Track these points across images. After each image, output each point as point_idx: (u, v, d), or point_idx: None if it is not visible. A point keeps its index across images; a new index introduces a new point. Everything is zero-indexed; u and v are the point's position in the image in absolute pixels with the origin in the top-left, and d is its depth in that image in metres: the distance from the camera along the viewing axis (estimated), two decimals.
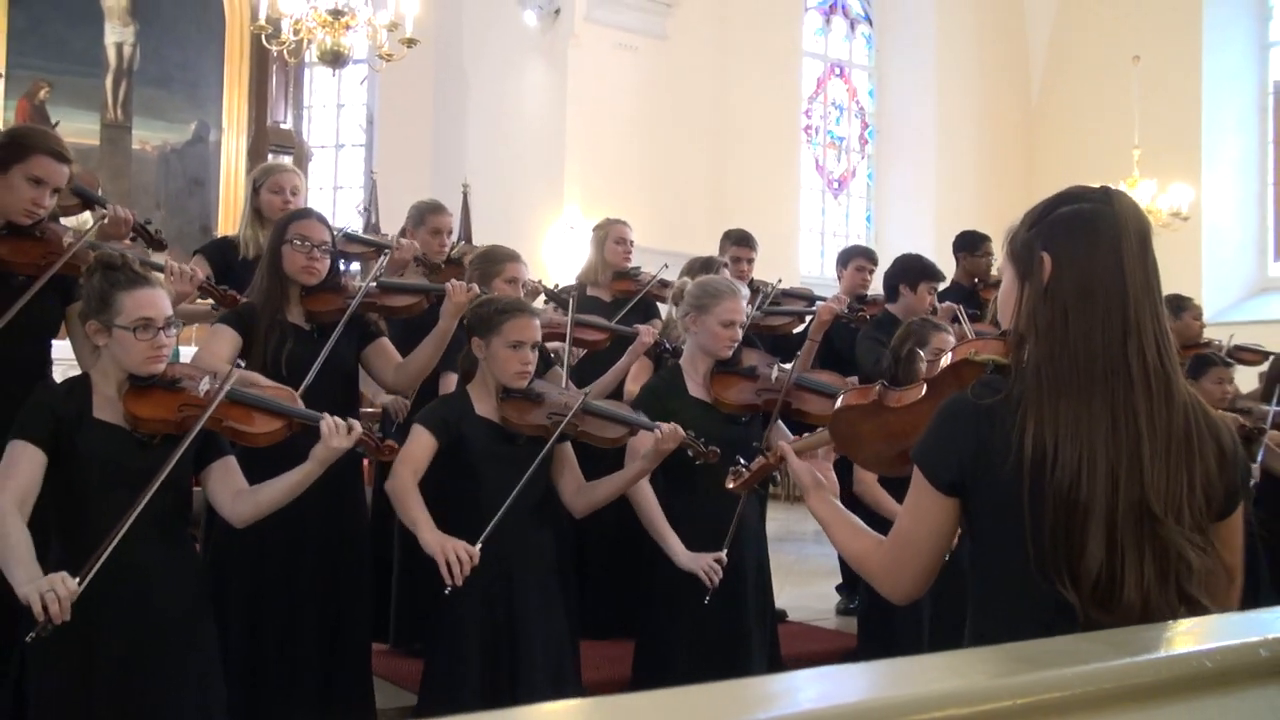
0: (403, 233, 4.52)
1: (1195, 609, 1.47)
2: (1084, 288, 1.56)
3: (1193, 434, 1.54)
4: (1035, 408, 1.53)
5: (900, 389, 1.97)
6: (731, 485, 2.51)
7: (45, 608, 2.12)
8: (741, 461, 2.52)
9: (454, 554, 2.71)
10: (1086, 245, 1.58)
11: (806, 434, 2.22)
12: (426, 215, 4.50)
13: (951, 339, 3.53)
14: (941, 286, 5.04)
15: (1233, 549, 1.66)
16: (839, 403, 2.01)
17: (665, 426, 2.97)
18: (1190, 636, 0.93)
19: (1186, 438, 1.53)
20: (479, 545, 2.75)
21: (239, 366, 2.66)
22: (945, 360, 1.88)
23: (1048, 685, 0.74)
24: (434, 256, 4.35)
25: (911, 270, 4.82)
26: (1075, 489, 1.49)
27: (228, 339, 3.14)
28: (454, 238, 4.58)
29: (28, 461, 2.36)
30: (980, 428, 1.58)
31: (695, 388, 3.43)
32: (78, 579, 2.19)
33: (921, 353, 3.47)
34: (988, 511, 1.60)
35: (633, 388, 4.01)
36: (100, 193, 3.54)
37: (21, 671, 2.43)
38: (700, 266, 4.46)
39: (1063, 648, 0.87)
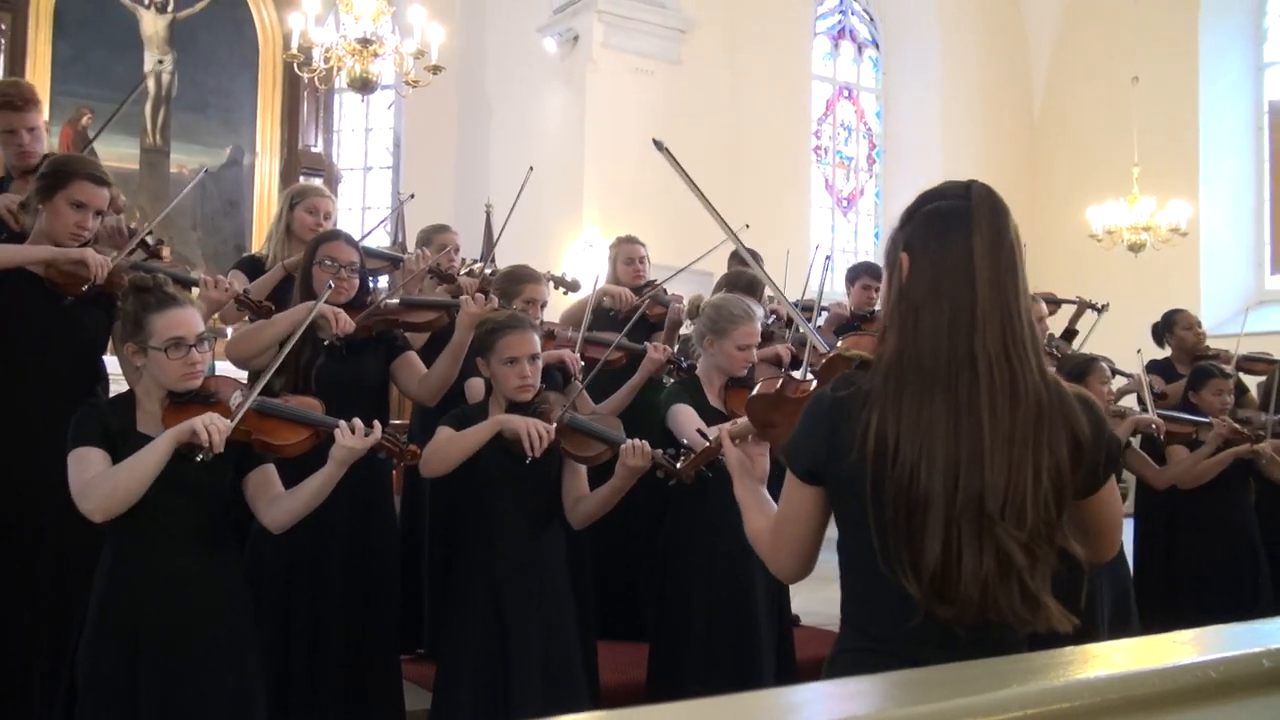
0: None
1: (1034, 605, 1.46)
2: (934, 286, 1.53)
3: (1043, 426, 1.49)
4: (880, 402, 1.51)
5: (799, 381, 2.02)
6: (681, 465, 2.71)
7: (210, 436, 2.29)
8: (685, 447, 2.68)
9: (533, 428, 2.84)
10: (938, 244, 1.56)
11: (736, 420, 2.24)
12: (432, 236, 4.54)
13: None
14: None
15: (1105, 515, 1.62)
16: (752, 392, 2.07)
17: (635, 444, 2.93)
18: (1194, 647, 0.92)
19: (1036, 431, 1.49)
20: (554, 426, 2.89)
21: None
22: (830, 356, 1.92)
23: (1057, 695, 0.74)
24: (446, 273, 4.37)
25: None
26: (914, 483, 1.47)
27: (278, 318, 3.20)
28: (462, 254, 4.59)
29: (98, 460, 2.39)
30: (833, 419, 1.57)
31: (713, 399, 3.43)
32: (230, 420, 2.36)
33: None
34: (840, 501, 1.60)
35: None
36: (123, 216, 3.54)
37: (73, 667, 2.45)
38: (745, 285, 4.41)
39: (1068, 659, 0.87)
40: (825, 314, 5.22)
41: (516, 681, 2.88)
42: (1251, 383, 5.52)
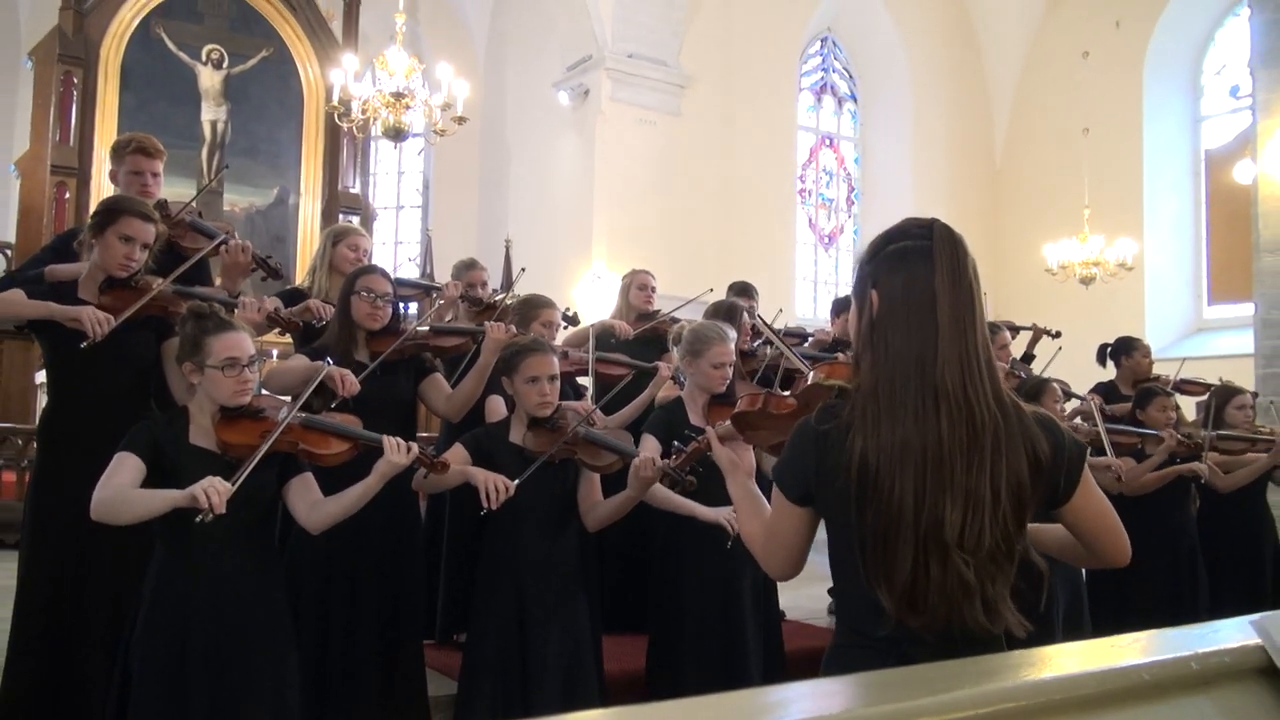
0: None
1: (994, 615, 1.45)
2: (901, 321, 1.51)
3: (1000, 450, 1.47)
4: (861, 432, 1.49)
5: (780, 396, 2.02)
6: (673, 462, 2.70)
7: (209, 500, 2.20)
8: (676, 444, 2.65)
9: (493, 483, 2.78)
10: (904, 282, 1.53)
11: (725, 423, 2.24)
12: (463, 271, 4.56)
13: None
14: None
15: (1090, 518, 1.61)
16: (737, 405, 2.07)
17: (645, 458, 2.92)
18: (1130, 651, 0.92)
19: (994, 456, 1.47)
20: (516, 483, 2.82)
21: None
22: (809, 379, 1.89)
23: (1008, 695, 0.74)
24: (474, 306, 4.40)
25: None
26: (889, 508, 1.46)
27: (303, 361, 3.21)
28: (489, 289, 4.61)
29: (129, 468, 2.37)
30: (819, 449, 1.55)
31: (695, 417, 3.42)
32: (231, 483, 2.26)
33: None
34: (830, 519, 1.60)
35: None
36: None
37: (126, 661, 2.44)
38: (725, 312, 4.43)
39: (1019, 661, 0.87)
40: (811, 339, 5.25)
41: (535, 670, 2.87)
42: (1186, 403, 5.52)
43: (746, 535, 1.80)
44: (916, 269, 1.52)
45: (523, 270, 4.46)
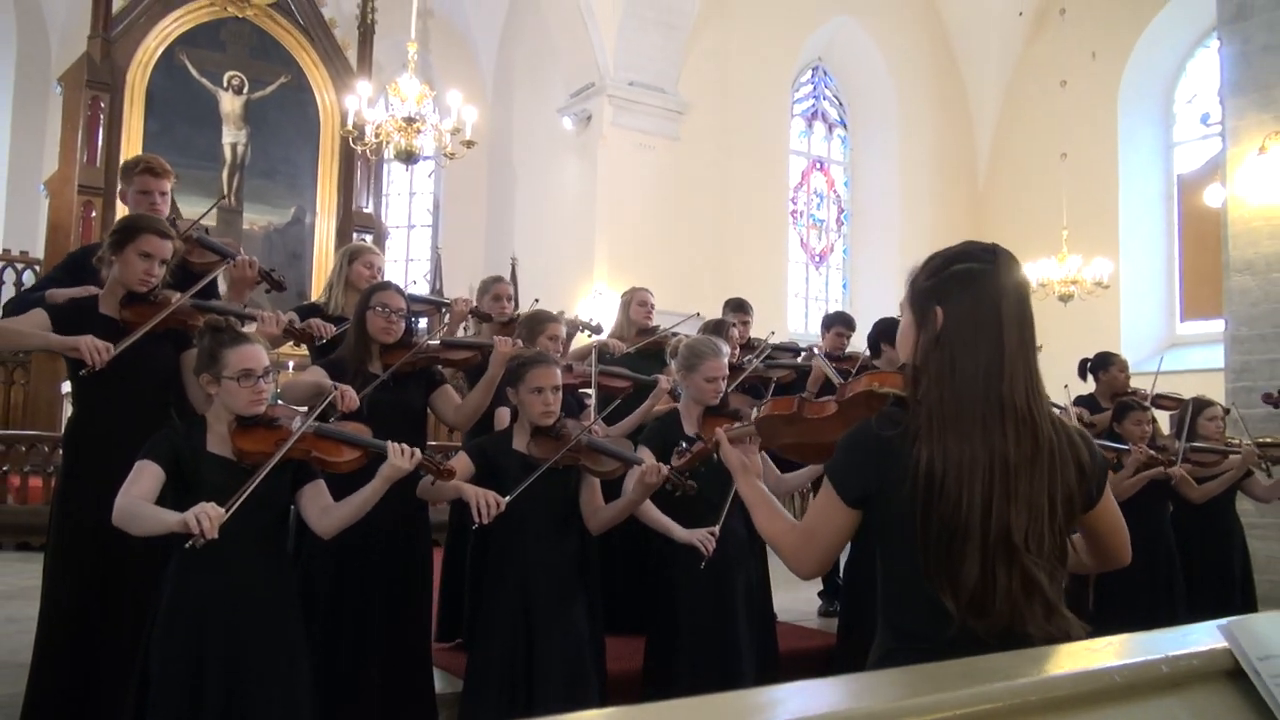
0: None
1: (1053, 614, 1.46)
2: (968, 340, 1.52)
3: (1055, 462, 1.50)
4: (927, 442, 1.49)
5: (816, 402, 1.96)
6: (676, 463, 2.68)
7: (200, 525, 2.14)
8: (684, 444, 2.63)
9: (484, 499, 2.75)
10: (972, 302, 1.53)
11: (737, 424, 2.21)
12: (490, 286, 4.57)
13: None
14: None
15: (1107, 521, 1.64)
16: (766, 408, 2.02)
17: (650, 464, 2.92)
18: (1102, 654, 0.92)
19: (1050, 467, 1.50)
20: (507, 500, 2.79)
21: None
22: (856, 387, 1.85)
23: (985, 698, 0.74)
24: (500, 318, 4.40)
25: (890, 331, 4.81)
26: (956, 515, 1.46)
27: (319, 374, 3.21)
28: (512, 305, 4.60)
29: (149, 476, 2.37)
30: (882, 455, 1.54)
31: (690, 428, 3.42)
32: (224, 509, 2.21)
33: None
34: (889, 524, 1.58)
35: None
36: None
37: (145, 661, 2.43)
38: (713, 327, 4.44)
39: (996, 665, 0.87)
40: (802, 354, 5.24)
41: (539, 670, 2.85)
42: (1162, 417, 5.52)
43: (769, 535, 1.77)
44: (984, 293, 1.53)
45: (535, 301, 4.47)
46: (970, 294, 1.54)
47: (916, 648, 1.52)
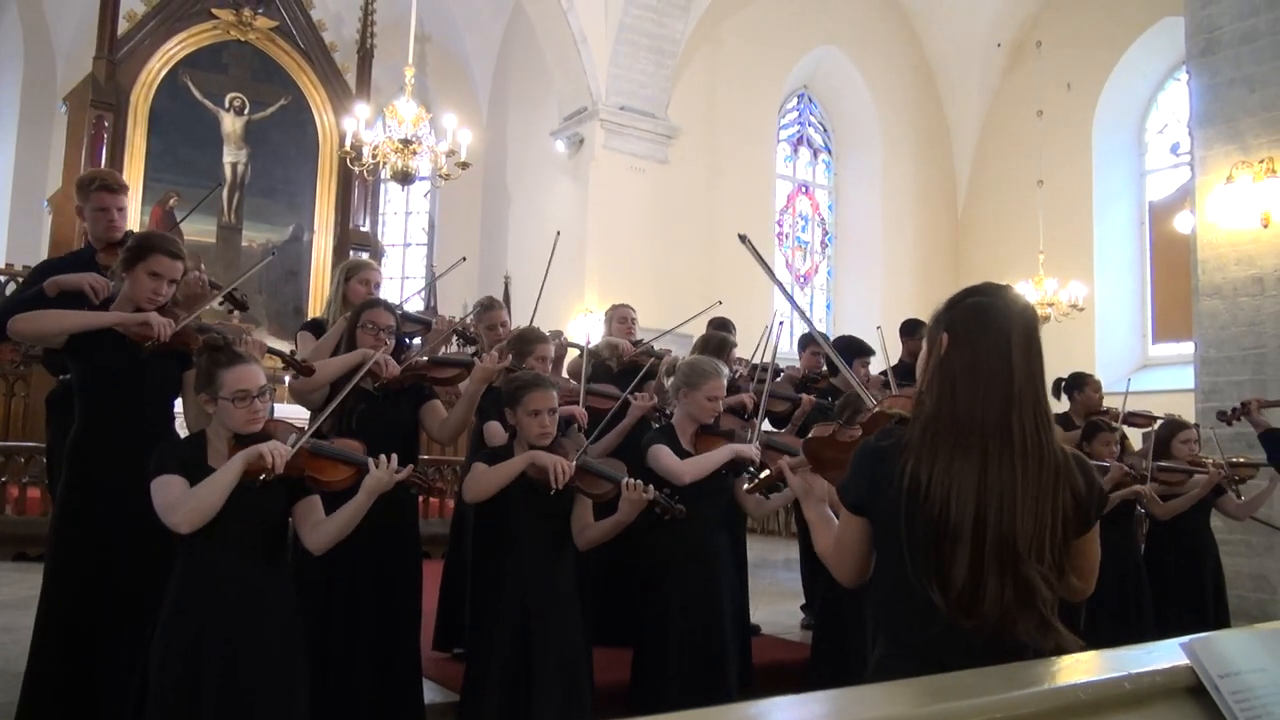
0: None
1: (1046, 627, 1.50)
2: (970, 366, 1.58)
3: (1059, 485, 1.55)
4: (915, 451, 1.57)
5: (849, 428, 2.10)
6: (747, 488, 2.77)
7: (271, 459, 2.30)
8: (750, 471, 2.76)
9: (558, 465, 2.83)
10: (977, 331, 1.60)
11: (794, 456, 2.25)
12: (484, 313, 4.50)
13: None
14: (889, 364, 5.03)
15: (1088, 553, 1.68)
16: (812, 433, 2.13)
17: (638, 484, 2.91)
18: (1069, 671, 0.92)
19: (1054, 488, 1.55)
20: (575, 463, 2.90)
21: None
22: (874, 411, 1.98)
23: (951, 714, 0.74)
24: (494, 345, 4.32)
25: (849, 349, 4.82)
26: (944, 519, 1.52)
27: (358, 353, 3.26)
28: (508, 328, 4.52)
29: (177, 484, 2.36)
30: (875, 463, 1.63)
31: (685, 443, 3.42)
32: (290, 446, 2.37)
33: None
34: (881, 526, 1.65)
35: None
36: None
37: (145, 670, 2.40)
38: (715, 347, 4.42)
39: (965, 681, 0.86)
40: (782, 374, 5.23)
41: (539, 681, 2.84)
42: (1134, 433, 5.54)
43: (820, 552, 1.85)
44: (991, 324, 1.60)
45: (558, 233, 4.35)
46: (976, 325, 1.61)
47: (904, 655, 1.57)
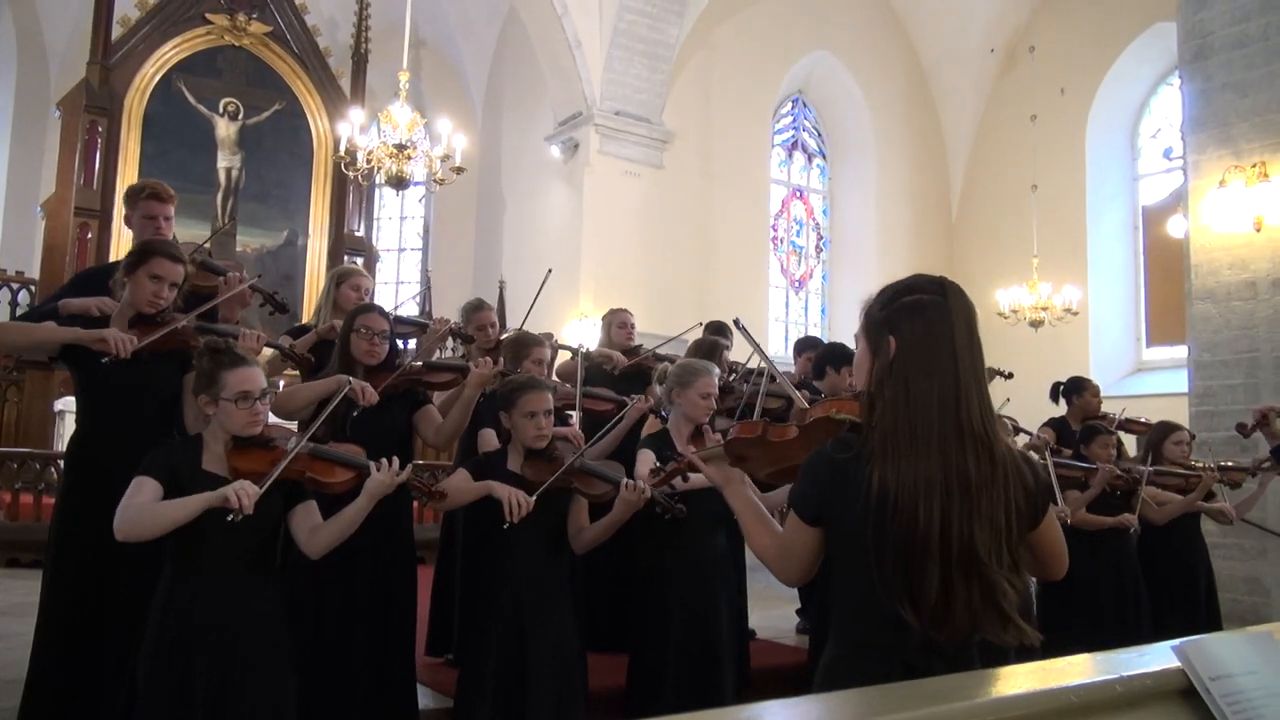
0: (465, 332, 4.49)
1: (1009, 623, 1.48)
2: (921, 368, 1.54)
3: (1009, 481, 1.53)
4: (880, 463, 1.52)
5: (779, 425, 1.98)
6: (653, 483, 2.66)
7: (240, 501, 2.22)
8: (656, 464, 2.62)
9: (514, 497, 2.77)
10: (924, 331, 1.56)
11: (706, 447, 2.21)
12: (472, 314, 4.51)
13: None
14: None
15: (1050, 540, 1.66)
16: (734, 431, 2.03)
17: (634, 484, 2.90)
18: (1059, 674, 0.92)
19: (1005, 485, 1.52)
20: (533, 498, 2.81)
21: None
22: (815, 413, 1.88)
23: (944, 717, 0.74)
24: (485, 345, 4.34)
25: (835, 355, 4.82)
26: (913, 532, 1.48)
27: (319, 381, 3.23)
28: (497, 329, 4.55)
29: (148, 491, 2.35)
30: (836, 478, 1.58)
31: (681, 446, 3.42)
32: (259, 488, 2.27)
33: None
34: (843, 542, 1.61)
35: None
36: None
37: (133, 677, 2.39)
38: (707, 350, 4.43)
39: (954, 684, 0.86)
40: (777, 379, 5.21)
41: (533, 686, 2.82)
42: (1129, 439, 5.55)
43: (756, 547, 1.79)
44: (936, 322, 1.56)
45: (550, 271, 4.34)
46: (922, 323, 1.56)
47: (864, 654, 1.54)
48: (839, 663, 1.60)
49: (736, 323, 2.46)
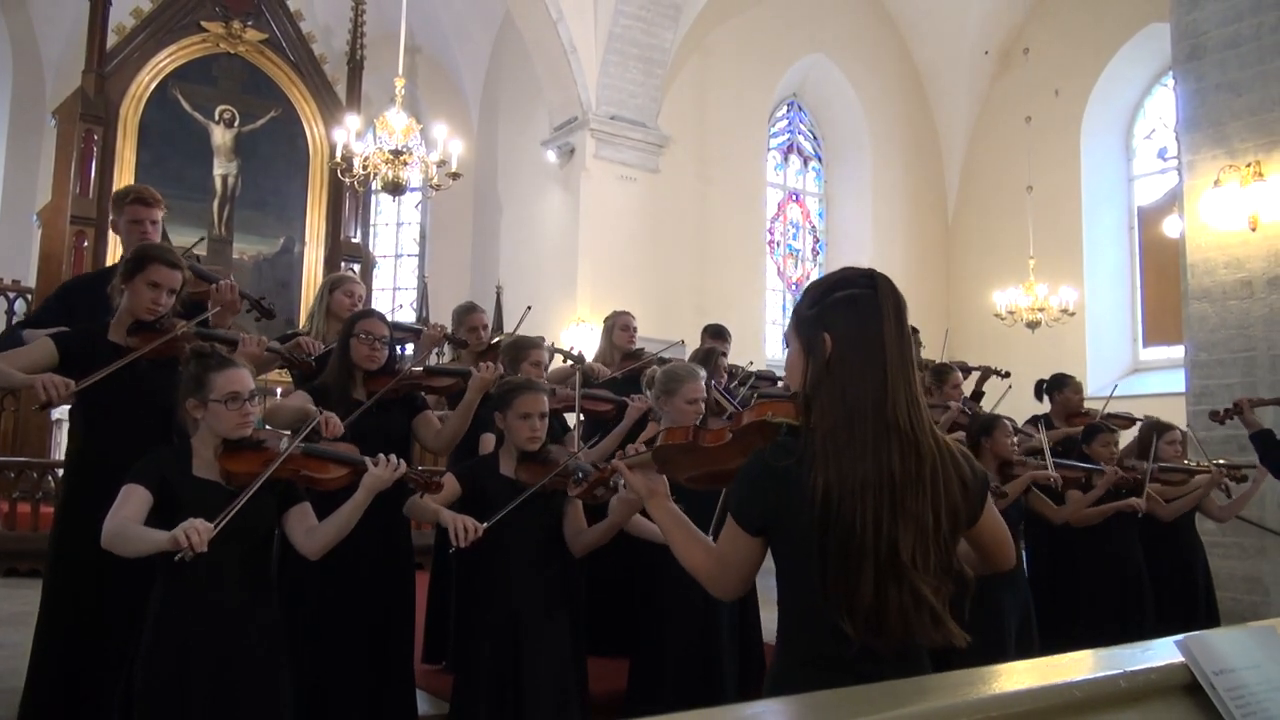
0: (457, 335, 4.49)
1: (940, 624, 1.44)
2: (855, 365, 1.50)
3: (939, 477, 1.48)
4: (823, 467, 1.47)
5: (710, 430, 1.93)
6: (572, 493, 2.67)
7: (189, 540, 2.12)
8: (580, 474, 2.61)
9: (461, 524, 2.67)
10: (857, 327, 1.51)
11: (635, 454, 2.17)
12: (464, 316, 4.53)
13: None
14: None
15: (992, 532, 1.61)
16: (662, 437, 1.97)
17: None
18: (1066, 670, 0.92)
19: (933, 482, 1.47)
20: (485, 526, 2.71)
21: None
22: (749, 416, 1.82)
23: (946, 713, 0.74)
24: (476, 348, 4.35)
25: None
26: (852, 536, 1.44)
27: (304, 399, 3.20)
28: (489, 332, 4.56)
29: (137, 499, 2.34)
30: (778, 486, 1.52)
31: None
32: (213, 525, 2.18)
33: None
34: (787, 552, 1.56)
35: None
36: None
37: (130, 682, 2.38)
38: (702, 357, 4.43)
39: (957, 680, 0.86)
40: (781, 382, 5.23)
41: (528, 691, 2.81)
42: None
43: (688, 562, 1.72)
44: (867, 317, 1.51)
45: (529, 308, 4.38)
46: (854, 319, 1.52)
47: (816, 665, 1.50)
48: (786, 676, 1.54)
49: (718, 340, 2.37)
